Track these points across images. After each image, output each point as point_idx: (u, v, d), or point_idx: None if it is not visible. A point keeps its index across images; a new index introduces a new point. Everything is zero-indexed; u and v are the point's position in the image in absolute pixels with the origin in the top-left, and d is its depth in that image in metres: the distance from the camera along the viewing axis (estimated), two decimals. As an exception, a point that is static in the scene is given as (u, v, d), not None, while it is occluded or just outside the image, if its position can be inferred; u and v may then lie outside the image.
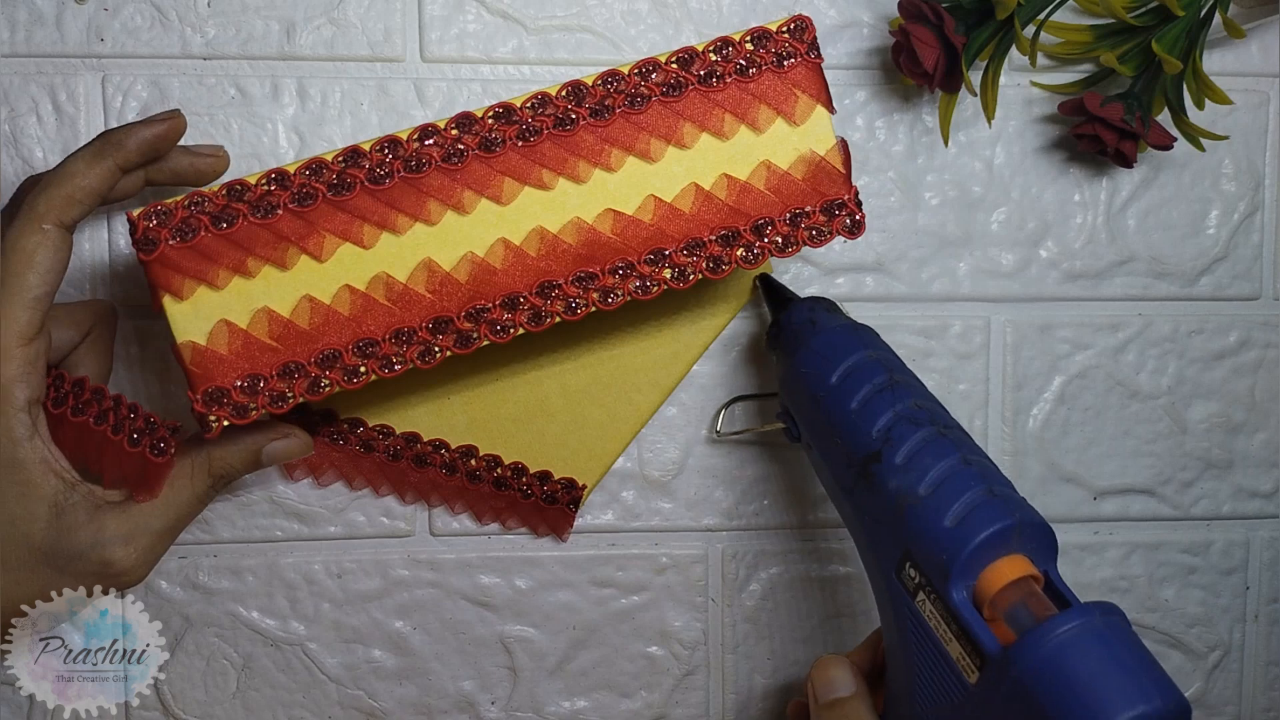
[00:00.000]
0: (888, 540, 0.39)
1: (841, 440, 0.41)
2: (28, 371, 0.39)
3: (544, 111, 0.40)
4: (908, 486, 0.38)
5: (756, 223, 0.41)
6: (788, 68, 0.41)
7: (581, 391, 0.50)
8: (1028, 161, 0.53)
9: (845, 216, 0.42)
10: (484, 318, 0.40)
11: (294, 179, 0.39)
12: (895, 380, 0.42)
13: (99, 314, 0.44)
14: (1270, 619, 0.57)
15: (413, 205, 0.40)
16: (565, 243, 0.41)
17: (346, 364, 0.40)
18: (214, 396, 0.39)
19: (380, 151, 0.39)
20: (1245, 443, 0.56)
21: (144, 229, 0.38)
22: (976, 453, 0.39)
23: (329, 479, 0.50)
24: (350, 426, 0.49)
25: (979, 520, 0.36)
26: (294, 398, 0.39)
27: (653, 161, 0.41)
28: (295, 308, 0.40)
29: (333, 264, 0.40)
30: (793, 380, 0.44)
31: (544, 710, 0.53)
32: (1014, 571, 0.36)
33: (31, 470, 0.39)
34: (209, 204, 0.39)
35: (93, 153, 0.40)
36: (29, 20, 0.48)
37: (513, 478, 0.50)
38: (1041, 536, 0.37)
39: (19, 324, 0.38)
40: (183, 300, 0.39)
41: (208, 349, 0.39)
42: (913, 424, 0.40)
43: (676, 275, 0.41)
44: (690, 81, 0.41)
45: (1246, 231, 0.54)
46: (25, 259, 0.39)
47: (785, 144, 0.42)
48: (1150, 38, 0.47)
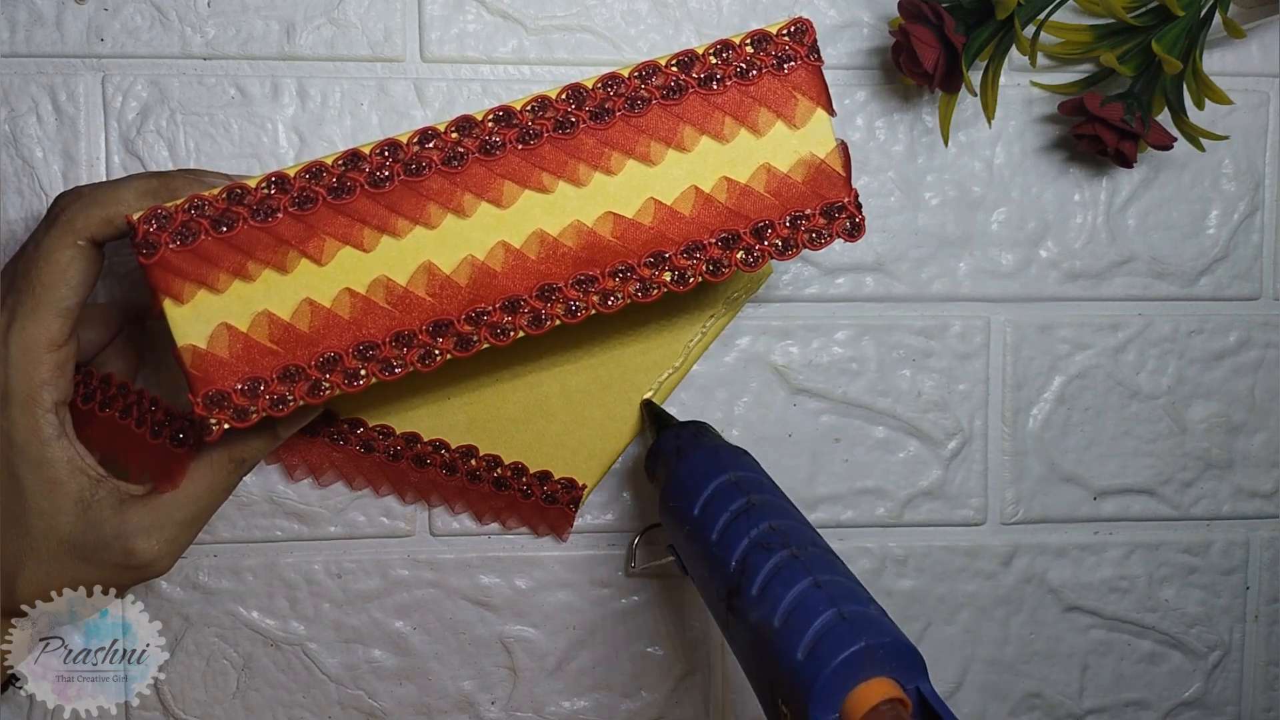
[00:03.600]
0: (759, 675, 0.37)
1: (710, 574, 0.40)
2: (56, 376, 0.40)
3: (544, 114, 0.40)
4: (764, 619, 0.36)
5: (756, 225, 0.41)
6: (788, 71, 0.41)
7: (581, 391, 0.50)
8: (1028, 161, 0.53)
9: (845, 219, 0.42)
10: (484, 321, 0.40)
11: (294, 182, 0.39)
12: (752, 503, 0.40)
13: (129, 314, 0.46)
14: (1270, 619, 0.57)
15: (413, 208, 0.40)
16: (565, 245, 0.40)
17: (347, 367, 0.40)
18: (215, 400, 0.39)
19: (380, 155, 0.39)
20: (1245, 443, 0.56)
21: (144, 232, 0.38)
22: (831, 571, 0.37)
23: (329, 479, 0.50)
24: (350, 427, 0.49)
25: (828, 648, 0.34)
26: (294, 401, 0.39)
27: (653, 164, 0.41)
28: (295, 311, 0.40)
29: (333, 267, 0.40)
30: (664, 514, 0.44)
31: (544, 710, 0.53)
32: (875, 696, 0.33)
33: (59, 469, 0.40)
34: (209, 207, 0.39)
35: (144, 188, 0.41)
36: (29, 20, 0.48)
37: (513, 478, 0.50)
38: (902, 654, 0.34)
39: (50, 332, 0.40)
40: (183, 304, 0.39)
41: (208, 352, 0.39)
42: (765, 551, 0.38)
43: (676, 278, 0.41)
44: (690, 84, 0.41)
45: (1246, 231, 0.54)
46: (59, 271, 0.40)
47: (785, 147, 0.41)
48: (1150, 38, 0.47)
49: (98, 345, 0.45)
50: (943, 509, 0.54)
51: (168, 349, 0.39)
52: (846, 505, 0.54)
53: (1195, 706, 0.57)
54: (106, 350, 0.45)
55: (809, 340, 0.53)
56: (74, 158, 0.48)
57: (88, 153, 0.48)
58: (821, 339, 0.53)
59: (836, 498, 0.54)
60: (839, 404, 0.53)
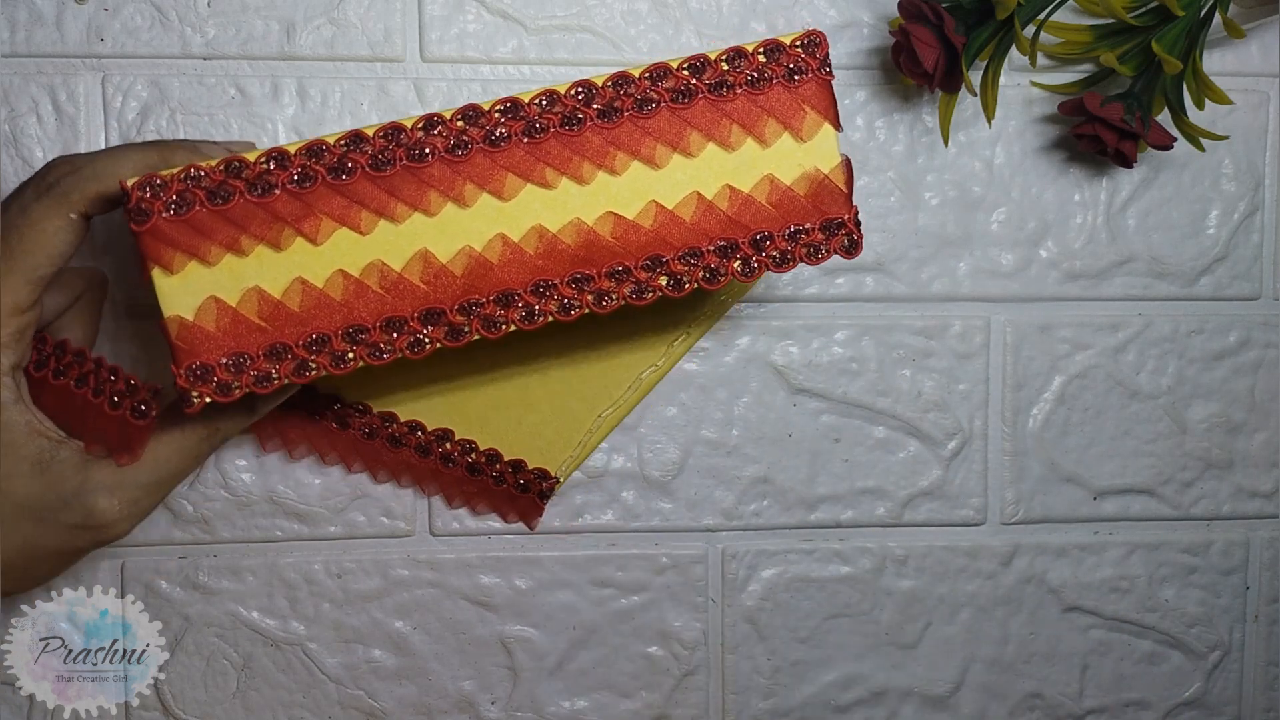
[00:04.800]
0: None
1: None
2: (16, 340, 0.39)
3: (551, 109, 0.40)
4: None
5: (755, 236, 0.41)
6: (798, 83, 0.41)
7: (562, 383, 0.50)
8: (1028, 161, 0.53)
9: (844, 236, 0.42)
10: (477, 312, 0.40)
11: (294, 160, 0.39)
12: None
13: (90, 280, 0.45)
14: (1270, 619, 0.57)
15: (413, 194, 0.40)
16: (564, 243, 0.40)
17: (335, 349, 0.40)
18: (198, 373, 0.39)
19: (383, 138, 0.39)
20: (1245, 443, 0.56)
21: (138, 199, 0.38)
22: None
23: (302, 453, 0.50)
24: (327, 402, 0.49)
25: None
26: (279, 379, 0.39)
27: (657, 167, 0.41)
28: (287, 289, 0.39)
29: (328, 248, 0.39)
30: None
31: (544, 710, 0.53)
32: None
33: (15, 431, 0.39)
34: (206, 179, 0.38)
35: (142, 162, 0.40)
36: (29, 20, 0.48)
37: (486, 464, 0.50)
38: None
39: (18, 297, 0.39)
40: (172, 274, 0.39)
41: (195, 324, 0.39)
42: None
43: (672, 283, 0.41)
44: (700, 90, 0.41)
45: (1246, 231, 0.54)
46: (43, 239, 0.39)
47: (790, 159, 0.41)
48: (1150, 38, 0.47)
49: (56, 311, 0.43)
50: (943, 509, 0.54)
51: (126, 319, 0.39)
52: (846, 505, 0.54)
53: (1195, 706, 0.57)
54: (63, 317, 0.44)
55: (809, 340, 0.53)
56: (74, 158, 0.48)
57: (88, 153, 0.48)
58: (821, 339, 0.53)
59: (836, 498, 0.54)
60: (839, 404, 0.53)
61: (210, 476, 0.50)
